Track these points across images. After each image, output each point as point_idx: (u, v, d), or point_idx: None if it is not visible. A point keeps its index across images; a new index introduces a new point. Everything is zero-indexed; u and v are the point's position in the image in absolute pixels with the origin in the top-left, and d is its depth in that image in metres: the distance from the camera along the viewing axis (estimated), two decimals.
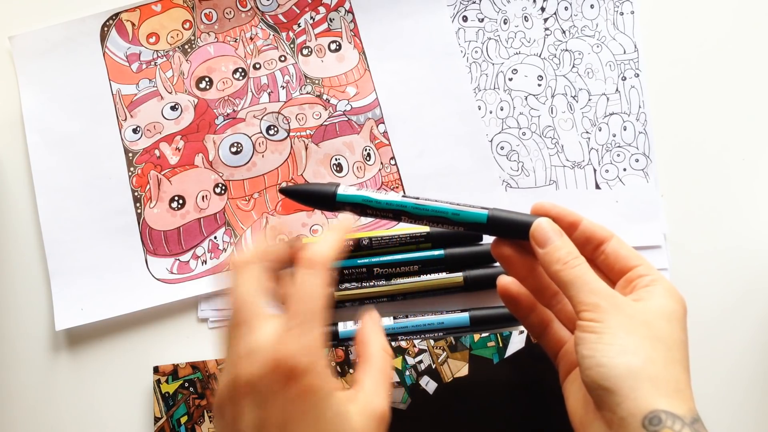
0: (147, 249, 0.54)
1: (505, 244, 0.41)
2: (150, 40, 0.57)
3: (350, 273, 0.51)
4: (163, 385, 0.50)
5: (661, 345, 0.35)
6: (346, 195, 0.40)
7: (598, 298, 0.36)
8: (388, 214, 0.41)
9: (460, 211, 0.40)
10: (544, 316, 0.42)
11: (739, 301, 0.52)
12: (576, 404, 0.38)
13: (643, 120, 0.55)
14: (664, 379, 0.34)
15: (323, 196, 0.41)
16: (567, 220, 0.40)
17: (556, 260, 0.37)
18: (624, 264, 0.38)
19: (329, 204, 0.41)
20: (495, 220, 0.40)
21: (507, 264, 0.41)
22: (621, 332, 0.34)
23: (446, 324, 0.50)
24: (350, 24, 0.57)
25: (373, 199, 0.40)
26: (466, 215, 0.40)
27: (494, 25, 0.57)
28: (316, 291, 0.35)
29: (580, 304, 0.36)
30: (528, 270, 0.41)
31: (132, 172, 0.55)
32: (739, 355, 0.51)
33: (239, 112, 0.56)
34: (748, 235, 0.53)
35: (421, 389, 0.49)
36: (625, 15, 0.57)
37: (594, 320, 0.35)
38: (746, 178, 0.54)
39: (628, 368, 0.33)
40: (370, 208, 0.40)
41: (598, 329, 0.35)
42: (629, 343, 0.34)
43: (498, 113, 0.56)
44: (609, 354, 0.34)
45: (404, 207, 0.40)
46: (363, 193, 0.40)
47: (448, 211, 0.40)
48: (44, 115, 0.56)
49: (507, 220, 0.40)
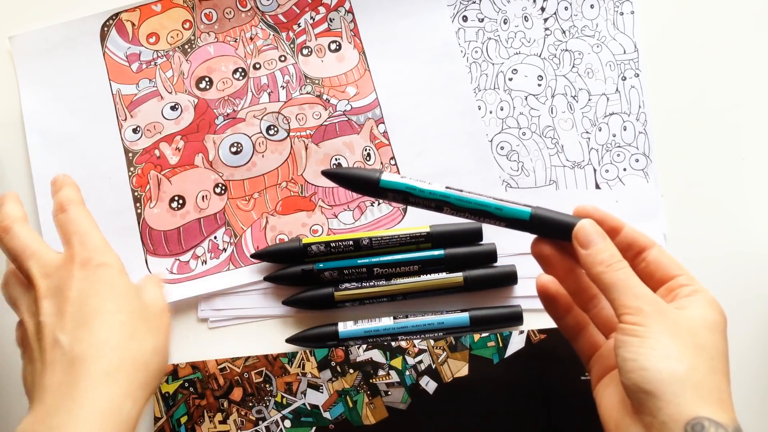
0: (147, 249, 0.54)
1: (545, 243, 0.41)
2: (150, 40, 0.57)
3: (350, 273, 0.51)
4: (163, 385, 0.50)
5: (704, 354, 0.35)
6: (390, 182, 0.40)
7: (641, 302, 0.36)
8: (431, 204, 0.40)
9: (504, 207, 0.40)
10: (580, 319, 0.42)
11: (739, 301, 0.52)
12: (611, 408, 0.38)
13: (643, 120, 0.55)
14: (707, 387, 0.34)
15: (367, 182, 0.40)
16: (609, 224, 0.40)
17: (599, 262, 0.37)
18: (665, 272, 0.39)
19: (373, 190, 0.40)
20: (538, 218, 0.39)
21: (546, 264, 0.41)
22: (664, 337, 0.34)
23: (446, 324, 0.50)
24: (350, 24, 0.57)
25: (417, 188, 0.40)
26: (510, 211, 0.40)
27: (494, 25, 0.57)
28: (79, 217, 0.41)
29: (622, 307, 0.36)
30: (567, 271, 0.41)
31: (132, 172, 0.55)
32: (738, 354, 0.51)
33: (239, 112, 0.56)
34: (748, 235, 0.53)
35: (421, 389, 0.49)
36: (625, 15, 0.57)
37: (637, 323, 0.35)
38: (746, 178, 0.54)
39: (671, 374, 0.34)
40: (412, 196, 0.40)
41: (641, 333, 0.35)
42: (673, 348, 0.34)
43: (498, 113, 0.56)
44: (652, 358, 0.34)
45: (447, 198, 0.40)
46: (407, 182, 0.40)
47: (491, 205, 0.40)
48: (44, 115, 0.56)
49: (550, 220, 0.40)
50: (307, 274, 0.51)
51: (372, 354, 0.50)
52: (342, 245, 0.52)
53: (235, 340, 0.53)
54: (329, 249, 0.52)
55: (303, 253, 0.52)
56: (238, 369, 0.50)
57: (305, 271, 0.51)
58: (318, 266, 0.52)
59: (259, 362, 0.50)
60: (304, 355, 0.50)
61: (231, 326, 0.53)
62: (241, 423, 0.49)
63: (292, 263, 0.52)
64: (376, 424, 0.49)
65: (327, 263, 0.52)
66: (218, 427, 0.49)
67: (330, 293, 0.51)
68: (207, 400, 0.50)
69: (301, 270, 0.52)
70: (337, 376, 0.50)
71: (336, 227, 0.54)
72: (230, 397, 0.50)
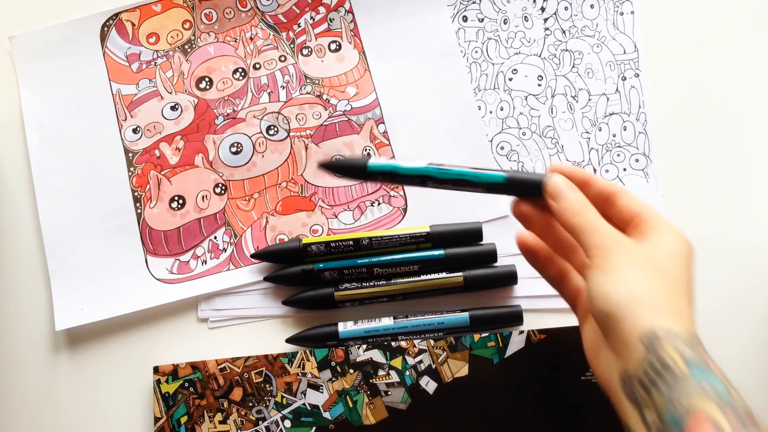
0: (147, 249, 0.54)
1: (523, 203, 0.43)
2: (150, 40, 0.57)
3: (350, 273, 0.51)
4: (163, 385, 0.50)
5: (663, 277, 0.37)
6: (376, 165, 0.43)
7: (605, 239, 0.38)
8: (415, 180, 0.44)
9: (480, 174, 0.43)
10: (562, 268, 0.45)
11: (738, 301, 0.52)
12: (590, 341, 0.41)
13: (643, 120, 0.55)
14: (664, 303, 0.36)
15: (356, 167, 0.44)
16: (579, 178, 0.42)
17: (568, 210, 0.40)
18: (634, 213, 0.41)
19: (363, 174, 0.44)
20: (513, 180, 0.43)
21: (527, 222, 0.44)
22: (625, 265, 0.37)
23: (446, 324, 0.50)
24: (350, 24, 0.57)
25: (400, 166, 0.43)
26: (486, 177, 0.43)
27: (494, 25, 0.57)
28: None
29: (589, 247, 0.39)
30: (547, 226, 0.44)
31: (132, 172, 0.55)
32: (738, 355, 0.51)
33: (239, 112, 0.56)
34: (748, 235, 0.53)
35: (421, 389, 0.49)
36: (625, 15, 0.57)
37: (601, 257, 0.38)
38: (746, 178, 0.54)
39: (628, 294, 0.36)
40: (398, 175, 0.43)
41: (604, 265, 0.37)
42: (632, 274, 0.37)
43: (498, 113, 0.56)
44: (612, 284, 0.37)
45: (429, 172, 0.43)
46: (391, 162, 0.43)
47: (469, 174, 0.43)
48: (44, 115, 0.56)
49: (524, 180, 0.43)
50: (307, 274, 0.51)
51: (372, 354, 0.50)
52: (342, 245, 0.52)
53: (235, 340, 0.53)
54: (329, 249, 0.52)
55: (303, 253, 0.52)
56: (238, 369, 0.50)
57: (305, 271, 0.51)
58: (318, 266, 0.52)
59: (259, 362, 0.50)
60: (304, 355, 0.50)
61: (231, 326, 0.53)
62: (241, 423, 0.49)
63: (292, 263, 0.52)
64: (376, 424, 0.49)
65: (327, 263, 0.52)
66: (218, 427, 0.49)
67: (330, 293, 0.51)
68: (207, 400, 0.50)
69: (301, 270, 0.52)
70: (337, 376, 0.50)
71: (336, 227, 0.54)
72: (230, 397, 0.50)
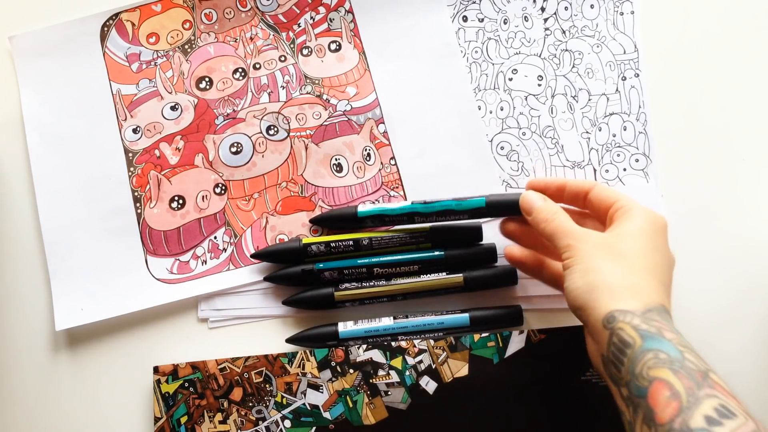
0: (147, 249, 0.54)
1: (509, 223, 0.48)
2: (150, 40, 0.57)
3: (350, 273, 0.51)
4: (163, 385, 0.50)
5: (622, 260, 0.40)
6: (365, 211, 0.50)
7: (571, 239, 0.42)
8: (403, 218, 0.49)
9: (462, 202, 0.48)
10: (555, 271, 0.48)
11: (738, 301, 0.52)
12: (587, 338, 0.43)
13: (643, 120, 0.55)
14: (621, 286, 0.39)
15: (347, 217, 0.51)
16: (554, 186, 0.46)
17: (541, 220, 0.44)
18: (606, 204, 0.44)
19: (354, 221, 0.50)
20: (492, 203, 0.48)
21: (515, 238, 0.48)
22: (588, 259, 0.40)
23: (446, 324, 0.50)
24: (350, 24, 0.57)
25: (387, 209, 0.50)
26: (468, 203, 0.48)
27: (494, 25, 0.57)
28: None
29: (560, 249, 0.42)
30: (533, 239, 0.47)
31: (132, 172, 0.55)
32: (738, 354, 0.51)
33: (239, 112, 0.56)
34: (748, 235, 0.53)
35: (421, 389, 0.49)
36: (625, 15, 0.57)
37: (570, 256, 0.41)
38: (746, 178, 0.54)
39: (589, 285, 0.39)
40: (387, 216, 0.50)
41: (571, 263, 0.41)
42: (593, 265, 0.40)
43: (498, 113, 0.56)
44: (578, 279, 0.40)
45: (415, 209, 0.49)
46: (379, 206, 0.50)
47: (451, 203, 0.48)
48: (44, 115, 0.56)
49: (501, 201, 0.48)
50: (307, 274, 0.51)
51: (372, 354, 0.50)
52: (342, 245, 0.52)
53: (235, 340, 0.53)
54: (329, 249, 0.52)
55: (303, 253, 0.52)
56: (238, 369, 0.50)
57: (305, 271, 0.51)
58: (318, 266, 0.52)
59: (259, 362, 0.50)
60: (304, 355, 0.50)
61: (231, 326, 0.53)
62: (241, 423, 0.49)
63: (292, 263, 0.52)
64: (376, 424, 0.49)
65: (327, 263, 0.52)
66: (218, 427, 0.49)
67: (330, 293, 0.51)
68: (207, 400, 0.50)
69: (301, 270, 0.52)
70: (337, 376, 0.50)
71: None
72: (230, 397, 0.50)
